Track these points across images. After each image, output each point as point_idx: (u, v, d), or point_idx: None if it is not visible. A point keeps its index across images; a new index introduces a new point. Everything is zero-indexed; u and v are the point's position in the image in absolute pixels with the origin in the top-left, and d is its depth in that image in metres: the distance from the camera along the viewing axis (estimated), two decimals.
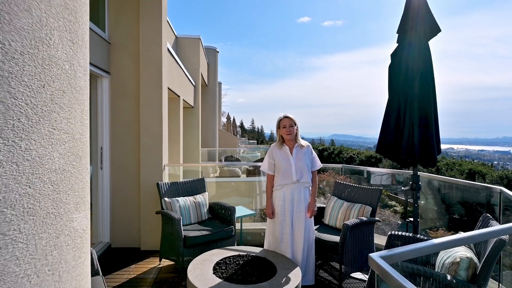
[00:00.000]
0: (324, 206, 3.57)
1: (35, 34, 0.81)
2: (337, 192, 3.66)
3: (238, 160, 14.00)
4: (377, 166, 23.63)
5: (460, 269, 1.86)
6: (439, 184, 4.25)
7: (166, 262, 3.47)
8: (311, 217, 2.92)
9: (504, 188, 2.51)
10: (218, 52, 12.85)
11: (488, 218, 2.16)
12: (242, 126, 74.17)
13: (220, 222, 3.51)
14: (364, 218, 3.01)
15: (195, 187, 3.84)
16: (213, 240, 3.18)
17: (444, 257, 2.05)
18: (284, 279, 2.22)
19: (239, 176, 9.76)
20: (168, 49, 4.51)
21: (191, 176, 8.51)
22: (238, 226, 3.82)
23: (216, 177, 10.08)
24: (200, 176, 9.10)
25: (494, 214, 2.43)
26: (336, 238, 2.93)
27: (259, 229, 4.10)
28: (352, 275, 3.12)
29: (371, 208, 3.16)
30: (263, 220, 6.15)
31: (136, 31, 3.85)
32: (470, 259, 1.87)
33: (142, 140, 3.84)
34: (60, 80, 0.92)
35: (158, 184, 3.56)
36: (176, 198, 3.52)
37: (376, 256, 1.05)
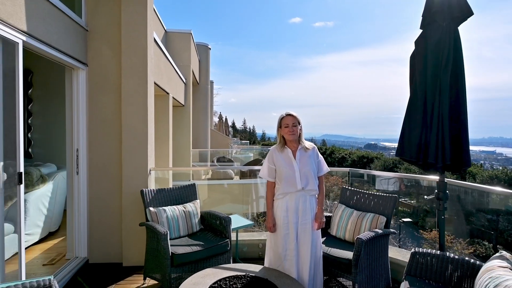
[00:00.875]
0: (330, 215, 3.19)
1: None
2: (344, 199, 3.28)
3: (230, 161, 13.57)
4: (369, 166, 23.54)
5: None
6: (458, 190, 3.92)
7: (152, 281, 3.03)
8: (318, 229, 2.53)
9: None
10: (210, 49, 12.37)
11: None
12: (234, 126, 73.64)
13: (213, 234, 3.08)
14: (379, 231, 2.63)
15: (185, 194, 3.41)
16: (205, 257, 2.76)
17: (490, 284, 1.68)
18: None
19: (232, 178, 9.34)
20: (155, 39, 4.06)
21: (182, 178, 8.04)
22: (233, 236, 3.41)
23: (208, 179, 9.63)
24: (191, 179, 8.66)
25: None
26: (347, 254, 2.55)
27: (256, 240, 3.69)
28: None
29: (385, 219, 2.79)
30: (259, 228, 5.75)
31: (118, 17, 3.39)
32: None
33: (124, 140, 3.38)
34: None
35: (142, 191, 3.11)
36: (163, 208, 3.08)
37: None
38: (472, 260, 2.00)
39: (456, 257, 2.05)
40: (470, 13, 2.11)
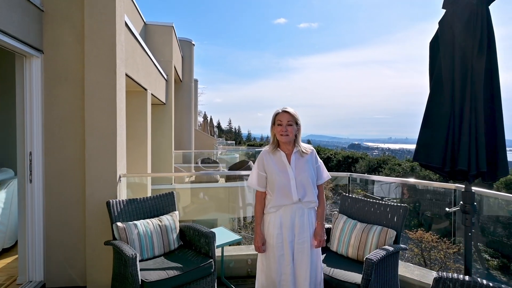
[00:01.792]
0: (329, 226, 2.79)
1: None
2: (344, 208, 2.89)
3: (215, 162, 13.04)
4: (354, 166, 23.54)
5: None
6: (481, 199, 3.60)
7: None
8: (318, 247, 2.12)
9: None
10: (194, 45, 11.81)
11: None
12: (219, 126, 72.76)
13: (194, 252, 2.62)
14: (389, 248, 2.25)
15: (162, 204, 2.92)
16: (184, 283, 2.28)
17: None
18: None
19: (217, 181, 8.85)
20: (127, 24, 3.54)
21: (162, 182, 7.46)
22: (218, 251, 2.95)
23: (191, 182, 9.09)
24: (173, 182, 8.07)
25: None
26: (354, 277, 2.14)
27: (244, 255, 3.24)
28: None
29: (395, 233, 2.41)
30: (246, 240, 5.30)
31: None
32: None
33: (88, 142, 2.85)
34: None
35: (108, 203, 2.60)
36: (135, 222, 2.59)
37: None
38: None
39: (491, 284, 1.69)
40: None
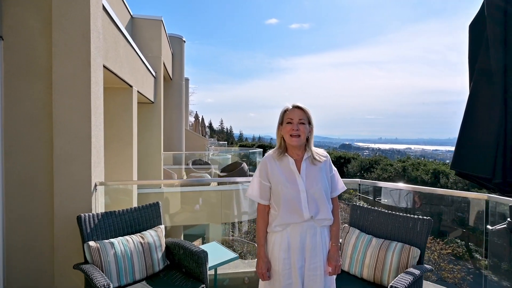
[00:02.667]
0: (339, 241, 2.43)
1: None
2: (355, 220, 2.54)
3: (207, 163, 12.60)
4: (346, 167, 23.40)
5: None
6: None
7: None
8: (333, 274, 1.75)
9: None
10: (185, 42, 11.32)
11: None
12: (211, 126, 72.06)
13: (183, 275, 2.22)
14: (415, 272, 1.90)
15: (145, 217, 2.50)
16: None
17: None
18: None
19: (209, 184, 8.42)
20: (107, 10, 3.11)
21: (150, 186, 7.00)
22: (211, 271, 2.56)
23: (181, 185, 8.63)
24: (162, 185, 7.61)
25: None
26: None
27: (241, 272, 2.86)
28: None
29: (419, 251, 2.07)
30: (238, 243, 4.92)
31: None
32: None
33: (56, 145, 2.42)
34: None
35: (79, 218, 2.18)
36: (111, 240, 2.17)
37: None
38: None
39: None
40: None
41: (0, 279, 2.41)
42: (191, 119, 26.26)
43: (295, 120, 1.67)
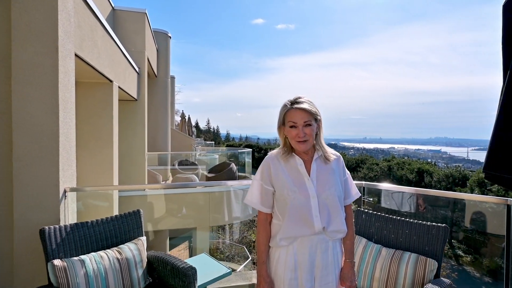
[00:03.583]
0: None
1: None
2: (360, 227, 2.30)
3: (194, 164, 12.19)
4: None
5: None
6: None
7: None
8: None
9: None
10: (171, 37, 10.89)
11: None
12: (197, 126, 71.10)
13: None
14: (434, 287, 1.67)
15: (124, 228, 2.17)
16: None
17: None
18: None
19: (195, 187, 8.05)
20: None
21: (133, 189, 6.58)
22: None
23: (166, 187, 8.22)
24: (145, 189, 7.19)
25: None
26: None
27: (234, 286, 2.57)
28: None
29: (436, 264, 1.84)
30: (225, 246, 4.62)
31: None
32: None
33: (16, 144, 2.05)
34: None
35: (43, 232, 1.83)
36: (81, 257, 1.84)
37: None
38: None
39: None
40: None
41: None
42: (177, 118, 25.64)
43: (299, 123, 1.40)
